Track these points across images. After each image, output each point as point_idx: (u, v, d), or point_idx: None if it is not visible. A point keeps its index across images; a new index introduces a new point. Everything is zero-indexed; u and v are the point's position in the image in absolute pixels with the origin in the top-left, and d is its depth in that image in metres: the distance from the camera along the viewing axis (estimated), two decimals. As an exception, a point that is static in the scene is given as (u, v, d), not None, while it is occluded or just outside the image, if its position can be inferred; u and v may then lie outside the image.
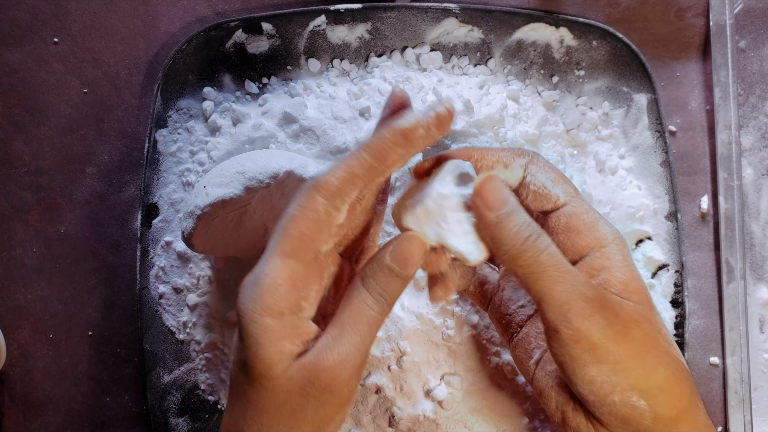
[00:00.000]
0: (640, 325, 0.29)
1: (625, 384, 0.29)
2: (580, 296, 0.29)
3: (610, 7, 0.49)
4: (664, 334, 0.31)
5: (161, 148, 0.46)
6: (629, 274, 0.31)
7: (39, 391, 0.47)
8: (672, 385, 0.29)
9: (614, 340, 0.29)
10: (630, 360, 0.29)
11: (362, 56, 0.47)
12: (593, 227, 0.32)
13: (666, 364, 0.29)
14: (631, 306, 0.30)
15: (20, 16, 0.48)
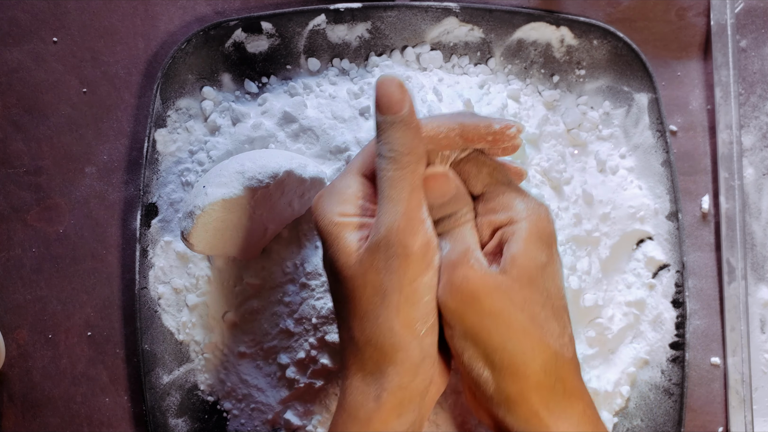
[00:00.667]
0: (491, 298, 0.30)
1: (470, 351, 0.30)
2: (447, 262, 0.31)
3: (610, 7, 0.49)
4: (531, 313, 0.30)
5: (160, 147, 0.46)
6: (521, 250, 0.31)
7: (38, 391, 0.47)
8: (519, 365, 0.29)
9: (456, 309, 0.30)
10: (474, 331, 0.30)
11: (362, 55, 0.47)
12: (508, 206, 0.32)
13: (516, 342, 0.30)
14: (492, 278, 0.30)
15: (19, 15, 0.48)
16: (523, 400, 0.30)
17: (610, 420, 0.45)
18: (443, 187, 0.31)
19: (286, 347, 0.43)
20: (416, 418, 0.31)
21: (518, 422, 0.30)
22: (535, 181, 0.45)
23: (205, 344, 0.45)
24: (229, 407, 0.45)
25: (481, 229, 0.33)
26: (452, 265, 0.30)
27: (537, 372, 0.30)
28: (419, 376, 0.31)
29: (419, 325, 0.30)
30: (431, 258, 0.31)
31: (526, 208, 0.32)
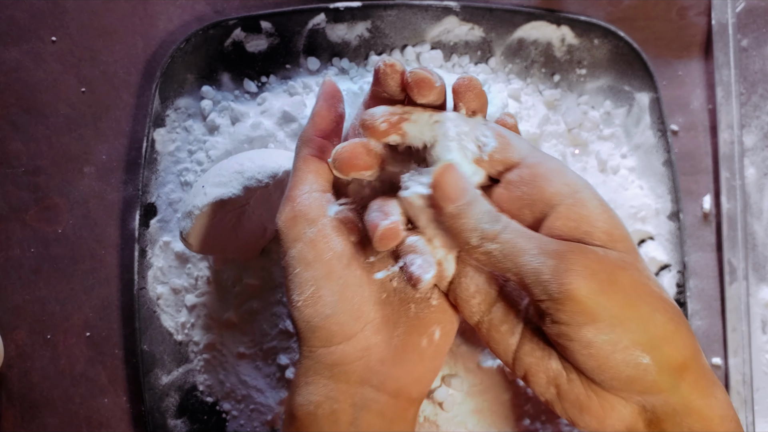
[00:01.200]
0: (627, 271, 0.27)
1: (626, 341, 0.26)
2: (550, 256, 0.27)
3: (611, 6, 0.49)
4: (654, 279, 0.28)
5: (159, 147, 0.46)
6: (611, 222, 0.29)
7: (37, 392, 0.47)
8: (672, 332, 0.27)
9: (601, 292, 0.26)
10: (624, 311, 0.27)
11: (362, 55, 0.47)
12: (561, 173, 0.30)
13: (663, 309, 0.27)
14: (614, 254, 0.28)
15: (18, 14, 0.48)
16: (686, 371, 0.27)
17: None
18: (458, 178, 0.29)
19: (285, 348, 0.43)
20: (337, 394, 0.30)
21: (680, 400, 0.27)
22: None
23: (204, 345, 0.45)
24: (229, 408, 0.45)
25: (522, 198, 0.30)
26: (564, 254, 0.27)
27: (687, 335, 0.28)
28: (317, 346, 0.31)
29: (295, 296, 0.31)
30: (299, 232, 0.31)
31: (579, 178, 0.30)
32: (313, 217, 0.31)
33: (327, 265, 0.31)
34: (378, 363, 0.31)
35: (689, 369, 0.27)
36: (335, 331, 0.30)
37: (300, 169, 0.32)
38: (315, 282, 0.30)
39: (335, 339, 0.31)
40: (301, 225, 0.31)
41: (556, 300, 0.27)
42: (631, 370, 0.27)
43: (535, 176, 0.30)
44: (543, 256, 0.27)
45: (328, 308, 0.30)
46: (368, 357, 0.31)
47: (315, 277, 0.30)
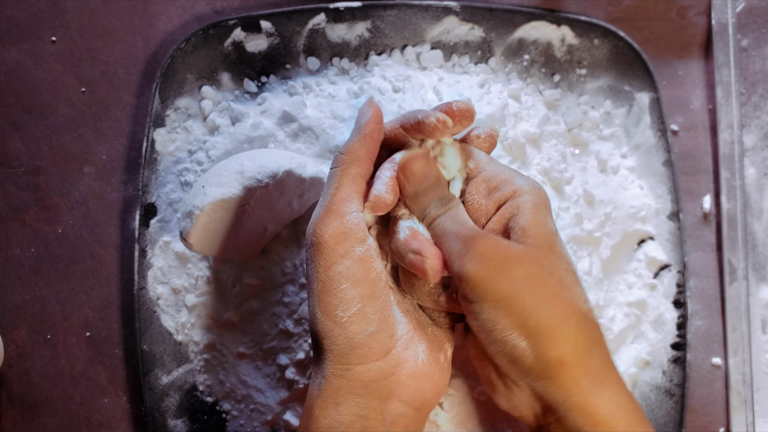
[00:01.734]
0: (522, 264, 0.30)
1: (504, 322, 0.29)
2: (459, 238, 0.31)
3: (611, 6, 0.49)
4: (558, 278, 0.31)
5: (159, 147, 0.46)
6: (531, 220, 0.32)
7: (37, 391, 0.47)
8: (554, 327, 0.29)
9: (489, 277, 0.30)
10: (508, 298, 0.29)
11: (362, 55, 0.47)
12: (509, 182, 0.33)
13: (552, 305, 0.29)
14: (516, 247, 0.31)
15: (18, 14, 0.48)
16: (563, 366, 0.29)
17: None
18: (423, 168, 0.33)
19: (285, 348, 0.43)
20: (369, 412, 0.31)
21: (560, 393, 0.29)
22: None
23: (204, 345, 0.45)
24: (229, 408, 0.45)
25: (480, 207, 0.34)
26: (470, 239, 0.31)
27: (573, 334, 0.29)
28: (354, 364, 0.31)
29: (339, 312, 0.31)
30: (348, 248, 0.31)
31: (527, 183, 0.33)
32: (361, 236, 0.32)
33: (372, 284, 0.32)
34: (408, 377, 0.32)
35: (568, 365, 0.29)
36: (375, 347, 0.31)
37: (348, 186, 0.33)
38: (361, 299, 0.31)
39: (374, 356, 0.31)
40: (351, 242, 0.32)
41: (458, 277, 0.31)
42: (509, 349, 0.30)
43: (489, 189, 0.34)
44: (457, 240, 0.31)
45: (372, 325, 0.31)
46: (400, 372, 0.32)
47: (361, 294, 0.31)
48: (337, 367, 0.31)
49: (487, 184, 0.34)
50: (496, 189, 0.33)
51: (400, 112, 0.43)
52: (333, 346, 0.31)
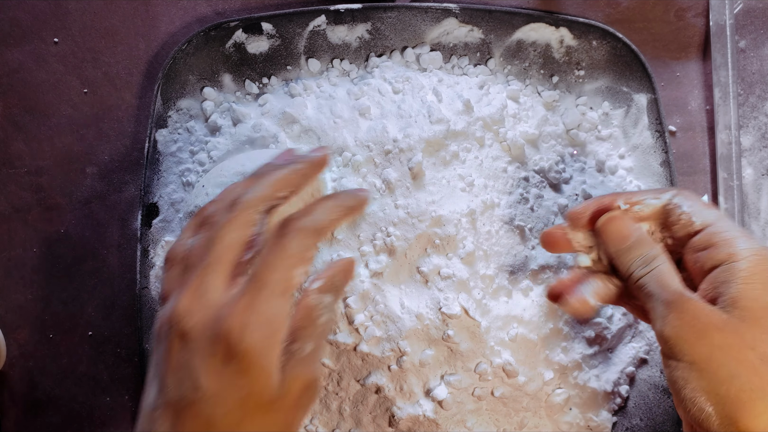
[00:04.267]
0: (722, 332, 0.30)
1: (695, 384, 0.30)
2: (662, 302, 0.32)
3: (610, 7, 0.49)
4: (762, 353, 0.30)
5: (161, 148, 0.46)
6: (743, 291, 0.31)
7: (39, 391, 0.47)
8: (746, 401, 0.29)
9: (687, 340, 0.31)
10: (703, 362, 0.30)
11: (362, 56, 0.47)
12: (730, 244, 0.33)
13: (746, 379, 0.30)
14: (719, 315, 0.31)
15: (20, 15, 0.48)
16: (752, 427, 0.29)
17: (610, 419, 0.45)
18: (622, 228, 0.35)
19: (286, 347, 0.44)
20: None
21: None
22: (534, 181, 0.45)
23: (206, 344, 0.45)
24: (230, 407, 0.45)
25: (693, 266, 0.34)
26: (672, 303, 0.32)
27: (763, 412, 0.30)
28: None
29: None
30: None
31: (749, 247, 0.32)
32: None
33: None
34: None
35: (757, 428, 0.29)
36: None
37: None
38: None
39: None
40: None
41: (659, 336, 0.32)
42: (696, 411, 0.30)
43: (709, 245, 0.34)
44: (660, 303, 0.33)
45: None
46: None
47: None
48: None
49: (708, 242, 0.34)
50: (714, 248, 0.33)
51: (400, 113, 0.43)
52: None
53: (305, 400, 0.31)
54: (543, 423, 0.44)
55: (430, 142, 0.42)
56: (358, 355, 0.42)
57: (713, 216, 0.34)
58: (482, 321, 0.42)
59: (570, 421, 0.44)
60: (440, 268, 0.42)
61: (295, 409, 0.30)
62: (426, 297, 0.42)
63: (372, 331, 0.41)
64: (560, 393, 0.44)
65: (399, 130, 0.43)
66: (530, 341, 0.43)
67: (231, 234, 0.31)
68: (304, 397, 0.30)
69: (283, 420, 0.30)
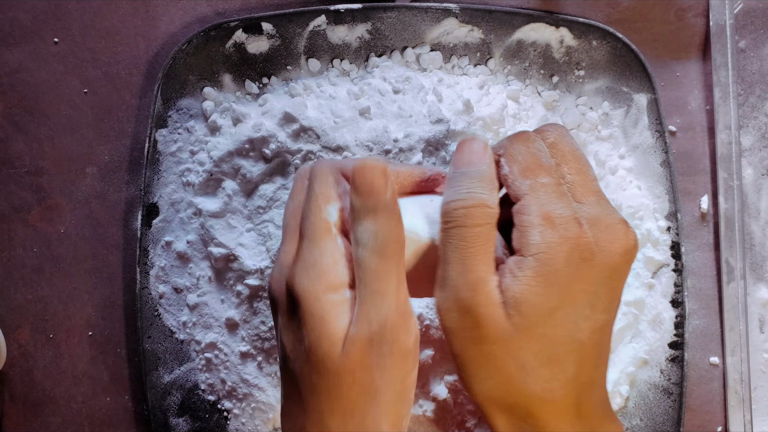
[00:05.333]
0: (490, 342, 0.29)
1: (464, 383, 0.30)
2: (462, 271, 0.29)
3: (610, 7, 0.49)
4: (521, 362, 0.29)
5: (161, 148, 0.46)
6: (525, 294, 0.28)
7: (39, 391, 0.47)
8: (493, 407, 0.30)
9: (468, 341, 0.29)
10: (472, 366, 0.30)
11: (362, 56, 0.47)
12: (524, 233, 0.29)
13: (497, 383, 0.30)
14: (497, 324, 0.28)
15: (20, 15, 0.48)
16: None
17: (610, 419, 0.45)
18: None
19: (286, 347, 0.44)
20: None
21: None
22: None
23: (206, 344, 0.45)
24: (230, 407, 0.46)
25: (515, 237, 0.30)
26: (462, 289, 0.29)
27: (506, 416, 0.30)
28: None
29: (405, 422, 0.29)
30: (419, 352, 0.30)
31: (542, 242, 0.28)
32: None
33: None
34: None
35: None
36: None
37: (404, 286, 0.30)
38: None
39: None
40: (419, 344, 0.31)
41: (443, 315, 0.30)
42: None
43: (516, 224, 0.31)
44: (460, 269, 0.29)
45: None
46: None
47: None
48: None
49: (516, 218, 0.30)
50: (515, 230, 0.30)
51: (400, 113, 0.43)
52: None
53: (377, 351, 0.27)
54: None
55: (430, 142, 0.42)
56: (358, 355, 0.42)
57: (525, 188, 0.30)
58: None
59: (570, 421, 0.44)
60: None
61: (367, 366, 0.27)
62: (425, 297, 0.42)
63: (372, 331, 0.41)
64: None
65: (399, 130, 0.43)
66: (530, 341, 0.43)
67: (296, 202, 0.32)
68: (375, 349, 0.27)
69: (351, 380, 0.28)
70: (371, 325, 0.27)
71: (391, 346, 0.28)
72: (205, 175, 0.45)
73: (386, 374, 0.28)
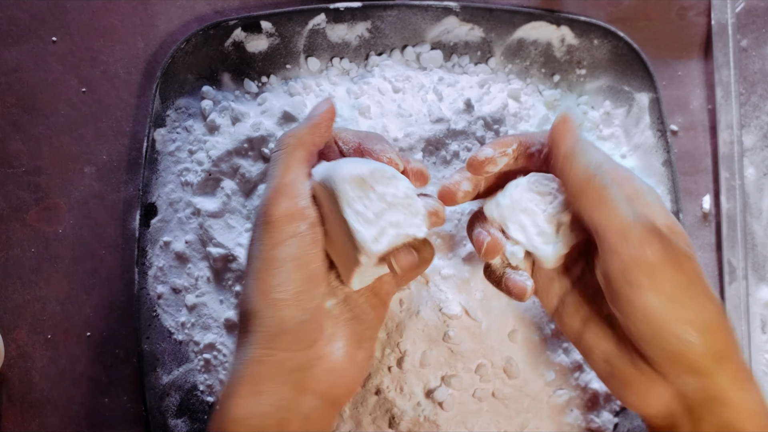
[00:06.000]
0: (691, 261, 0.30)
1: (679, 315, 0.29)
2: (642, 224, 0.29)
3: (611, 6, 0.49)
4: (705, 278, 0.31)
5: (160, 147, 0.46)
6: (671, 219, 0.32)
7: (37, 391, 0.47)
8: (719, 322, 0.30)
9: (671, 268, 0.29)
10: (684, 291, 0.29)
11: (362, 55, 0.47)
12: (629, 179, 0.33)
13: (713, 302, 0.30)
14: (681, 243, 0.30)
15: (18, 14, 0.48)
16: (725, 361, 0.29)
17: (611, 420, 0.45)
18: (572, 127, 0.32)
19: (285, 347, 0.43)
20: (287, 403, 0.30)
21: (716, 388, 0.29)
22: (536, 181, 0.45)
23: (205, 344, 0.45)
24: (229, 408, 0.45)
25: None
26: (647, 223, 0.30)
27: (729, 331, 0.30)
28: (280, 350, 0.30)
29: (275, 293, 0.30)
30: (296, 230, 0.31)
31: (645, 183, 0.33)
32: (312, 220, 0.32)
33: (314, 271, 0.31)
34: (326, 372, 0.32)
35: (729, 360, 0.30)
36: (302, 336, 0.31)
37: (296, 168, 0.32)
38: (301, 284, 0.30)
39: (300, 344, 0.31)
40: (299, 224, 0.31)
41: (634, 258, 0.29)
42: (680, 344, 0.29)
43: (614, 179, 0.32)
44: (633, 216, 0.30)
45: (306, 313, 0.31)
46: (320, 365, 0.32)
47: (302, 279, 0.31)
48: (260, 351, 0.30)
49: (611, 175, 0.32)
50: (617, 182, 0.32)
51: (400, 112, 0.43)
52: (261, 327, 0.30)
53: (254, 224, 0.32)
54: (544, 424, 0.44)
55: (430, 141, 0.42)
56: (357, 356, 0.41)
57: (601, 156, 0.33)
58: (483, 321, 0.42)
59: (571, 423, 0.44)
60: (441, 268, 0.42)
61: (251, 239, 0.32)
62: (426, 297, 0.42)
63: (372, 332, 0.41)
64: (561, 394, 0.44)
65: (399, 129, 0.42)
66: (531, 342, 0.43)
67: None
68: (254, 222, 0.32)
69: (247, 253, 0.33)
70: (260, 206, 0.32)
71: (261, 218, 0.31)
72: (203, 174, 0.45)
73: (255, 245, 0.31)
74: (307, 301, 0.31)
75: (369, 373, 0.42)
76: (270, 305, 0.30)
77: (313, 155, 0.34)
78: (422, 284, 0.42)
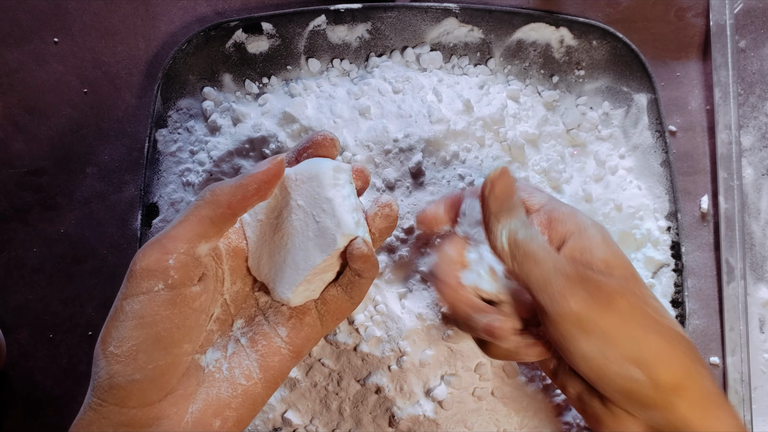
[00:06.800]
0: (624, 297, 0.31)
1: (617, 353, 0.30)
2: (561, 274, 0.31)
3: (610, 7, 0.49)
4: (653, 305, 0.31)
5: (161, 147, 0.46)
6: (609, 253, 0.32)
7: (39, 390, 0.47)
8: (666, 352, 0.30)
9: (598, 311, 0.30)
10: (618, 330, 0.30)
11: (362, 56, 0.47)
12: (572, 216, 0.34)
13: (658, 332, 0.30)
14: (613, 281, 0.31)
15: (20, 15, 0.48)
16: (681, 391, 0.30)
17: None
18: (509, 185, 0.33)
19: (286, 347, 0.43)
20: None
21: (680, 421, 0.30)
22: (535, 181, 0.45)
23: (206, 344, 0.45)
24: (230, 407, 0.45)
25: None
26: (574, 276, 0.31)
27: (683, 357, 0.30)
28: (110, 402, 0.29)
29: (112, 347, 0.29)
30: (152, 287, 0.29)
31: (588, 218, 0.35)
32: (176, 281, 0.29)
33: (166, 333, 0.29)
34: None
35: (687, 388, 0.30)
36: (135, 395, 0.29)
37: (191, 225, 0.30)
38: (140, 343, 0.29)
39: (133, 401, 0.29)
40: (159, 282, 0.29)
41: (559, 313, 0.30)
42: (626, 382, 0.30)
43: (551, 220, 0.35)
44: (554, 268, 0.31)
45: (139, 373, 0.29)
46: (159, 426, 0.30)
47: (143, 338, 0.29)
48: (94, 399, 0.29)
49: (550, 215, 0.35)
50: (558, 220, 0.34)
51: (400, 112, 0.43)
52: (95, 376, 0.29)
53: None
54: (543, 423, 0.44)
55: (430, 141, 0.42)
56: (358, 355, 0.42)
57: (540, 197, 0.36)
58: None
59: (570, 421, 0.44)
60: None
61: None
62: (426, 297, 0.42)
63: (372, 331, 0.41)
64: (560, 393, 0.44)
65: (399, 130, 0.43)
66: (530, 341, 0.43)
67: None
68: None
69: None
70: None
71: (131, 264, 0.30)
72: (205, 175, 0.45)
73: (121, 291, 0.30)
74: (146, 362, 0.29)
75: (369, 372, 0.42)
76: (105, 356, 0.29)
77: (225, 217, 0.30)
78: (422, 284, 0.42)
